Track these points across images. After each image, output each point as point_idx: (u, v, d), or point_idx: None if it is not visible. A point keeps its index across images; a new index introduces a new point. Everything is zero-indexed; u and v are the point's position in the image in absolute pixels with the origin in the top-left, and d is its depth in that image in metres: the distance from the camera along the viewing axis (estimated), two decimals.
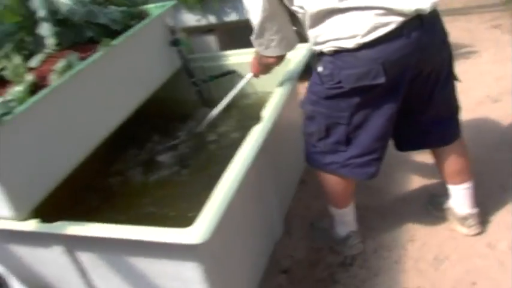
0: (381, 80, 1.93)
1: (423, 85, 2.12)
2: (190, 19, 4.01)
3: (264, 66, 2.54)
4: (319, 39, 2.00)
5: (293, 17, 2.18)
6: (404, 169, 3.12)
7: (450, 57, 2.19)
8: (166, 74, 3.06)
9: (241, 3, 2.21)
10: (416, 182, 3.02)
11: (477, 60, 4.33)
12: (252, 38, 2.27)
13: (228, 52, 3.38)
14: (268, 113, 2.40)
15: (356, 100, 2.03)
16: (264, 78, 2.69)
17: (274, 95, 2.57)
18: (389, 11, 1.84)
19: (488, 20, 5.13)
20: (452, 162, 2.43)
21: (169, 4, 3.14)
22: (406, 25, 1.87)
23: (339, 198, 2.48)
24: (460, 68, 3.95)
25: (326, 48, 1.99)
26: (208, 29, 4.14)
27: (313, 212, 2.93)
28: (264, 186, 2.51)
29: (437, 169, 2.54)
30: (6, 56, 2.55)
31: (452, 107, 2.33)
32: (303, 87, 2.50)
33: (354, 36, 1.89)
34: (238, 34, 3.92)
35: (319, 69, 2.08)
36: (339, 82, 2.00)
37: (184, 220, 1.80)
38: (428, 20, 1.92)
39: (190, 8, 3.93)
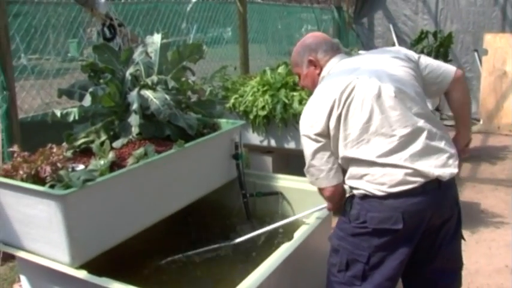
0: (399, 226, 2.29)
1: (434, 237, 2.45)
2: (254, 138, 4.45)
3: (334, 203, 2.65)
4: (353, 184, 2.40)
5: None
6: None
7: (459, 216, 2.55)
8: (222, 181, 3.46)
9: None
10: None
11: (506, 231, 4.58)
12: (305, 169, 2.54)
13: (280, 175, 3.73)
14: (298, 235, 2.74)
15: (376, 241, 2.36)
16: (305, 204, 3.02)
17: (308, 221, 2.91)
18: (416, 173, 2.28)
19: None
20: None
21: (239, 123, 3.62)
22: (426, 185, 2.30)
23: None
24: (489, 235, 4.28)
25: (357, 191, 2.38)
26: (267, 150, 4.57)
27: None
28: None
29: None
30: (96, 132, 3.03)
31: (457, 262, 2.63)
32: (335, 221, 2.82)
33: (383, 186, 2.29)
34: (293, 161, 4.34)
35: (348, 209, 2.45)
36: (364, 222, 2.36)
37: None
38: (445, 184, 2.34)
39: (257, 129, 4.38)
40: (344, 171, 2.48)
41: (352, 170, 2.40)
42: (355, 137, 2.35)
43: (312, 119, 2.44)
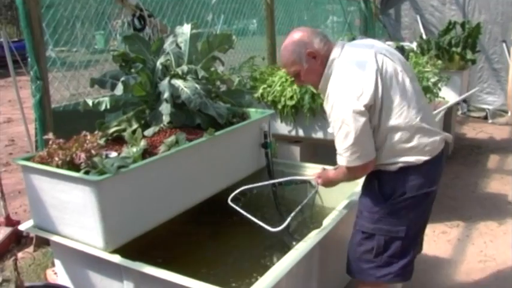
0: (434, 187, 2.57)
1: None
2: (283, 128, 4.47)
3: (329, 181, 2.88)
4: (390, 160, 2.49)
5: None
6: None
7: None
8: (251, 169, 3.50)
9: (328, 124, 2.60)
10: None
11: None
12: (345, 147, 2.45)
13: (308, 164, 3.77)
14: (327, 222, 2.79)
15: (414, 210, 2.55)
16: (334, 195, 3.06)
17: (337, 209, 2.96)
18: (442, 139, 2.60)
19: None
20: None
21: (268, 112, 3.65)
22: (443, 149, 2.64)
23: None
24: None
25: (393, 166, 2.49)
26: (295, 140, 4.59)
27: None
28: (311, 282, 2.83)
29: None
30: (128, 121, 3.08)
31: None
32: None
33: (426, 154, 2.50)
34: (321, 151, 4.35)
35: (376, 188, 2.55)
36: (403, 194, 2.50)
37: None
38: (445, 147, 2.66)
39: (285, 119, 4.40)
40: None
41: (393, 141, 2.47)
42: (397, 104, 2.45)
43: (357, 91, 2.41)
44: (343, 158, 2.50)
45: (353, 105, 2.39)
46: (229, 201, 2.84)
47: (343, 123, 2.42)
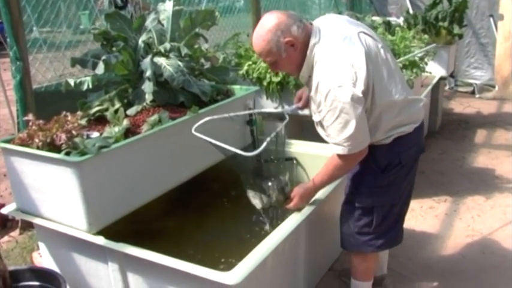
0: (423, 150, 2.69)
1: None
2: (268, 105, 4.43)
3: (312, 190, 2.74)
4: (387, 133, 2.49)
5: None
6: None
7: None
8: (237, 147, 3.42)
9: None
10: None
11: None
12: (345, 137, 2.35)
13: (294, 141, 3.74)
14: (313, 198, 2.79)
15: (407, 177, 2.64)
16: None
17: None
18: (423, 104, 2.70)
19: None
20: None
21: (253, 89, 3.61)
22: None
23: (372, 270, 2.92)
24: (503, 200, 4.32)
25: (389, 139, 2.50)
26: (281, 117, 4.54)
27: None
28: (298, 258, 2.83)
29: None
30: (110, 100, 3.03)
31: None
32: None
33: (416, 121, 2.58)
34: (306, 127, 4.31)
35: (372, 162, 2.54)
36: (399, 163, 2.54)
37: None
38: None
39: (270, 96, 4.36)
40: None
41: (387, 118, 2.47)
42: (387, 81, 2.43)
43: (351, 77, 2.29)
44: (343, 148, 2.39)
45: (351, 93, 2.28)
46: (193, 131, 2.68)
47: (341, 113, 2.30)
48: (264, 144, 2.59)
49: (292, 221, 2.57)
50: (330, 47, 2.39)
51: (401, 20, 6.57)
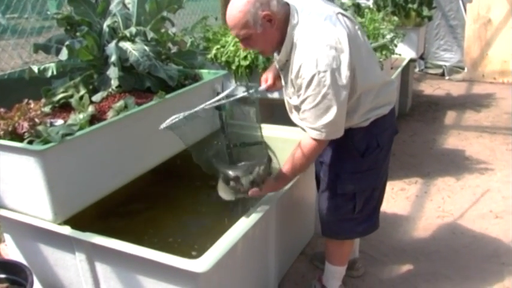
0: (397, 131, 2.72)
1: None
2: (237, 89, 4.36)
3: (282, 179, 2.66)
4: (365, 116, 2.47)
5: None
6: None
7: None
8: (206, 131, 3.39)
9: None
10: None
11: (490, 177, 4.65)
12: (325, 123, 2.29)
13: (263, 125, 3.68)
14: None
15: (385, 159, 2.64)
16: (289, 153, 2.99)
17: None
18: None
19: (511, 142, 5.46)
20: None
21: (221, 73, 3.56)
22: None
23: (347, 255, 2.93)
24: (473, 181, 4.37)
25: (367, 122, 2.48)
26: (251, 101, 4.50)
27: (307, 281, 3.19)
28: (268, 244, 2.81)
29: None
30: (75, 86, 2.96)
31: None
32: None
33: (391, 102, 2.60)
34: (277, 111, 4.29)
35: (351, 147, 2.52)
36: (377, 146, 2.53)
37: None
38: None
39: (239, 80, 4.31)
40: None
41: (366, 101, 2.44)
42: (366, 64, 2.41)
43: (335, 62, 2.22)
44: (320, 133, 2.32)
45: (336, 78, 2.21)
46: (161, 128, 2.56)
47: (324, 99, 2.23)
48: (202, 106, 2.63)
49: (262, 206, 2.55)
50: (311, 28, 2.30)
51: (370, 2, 6.55)
